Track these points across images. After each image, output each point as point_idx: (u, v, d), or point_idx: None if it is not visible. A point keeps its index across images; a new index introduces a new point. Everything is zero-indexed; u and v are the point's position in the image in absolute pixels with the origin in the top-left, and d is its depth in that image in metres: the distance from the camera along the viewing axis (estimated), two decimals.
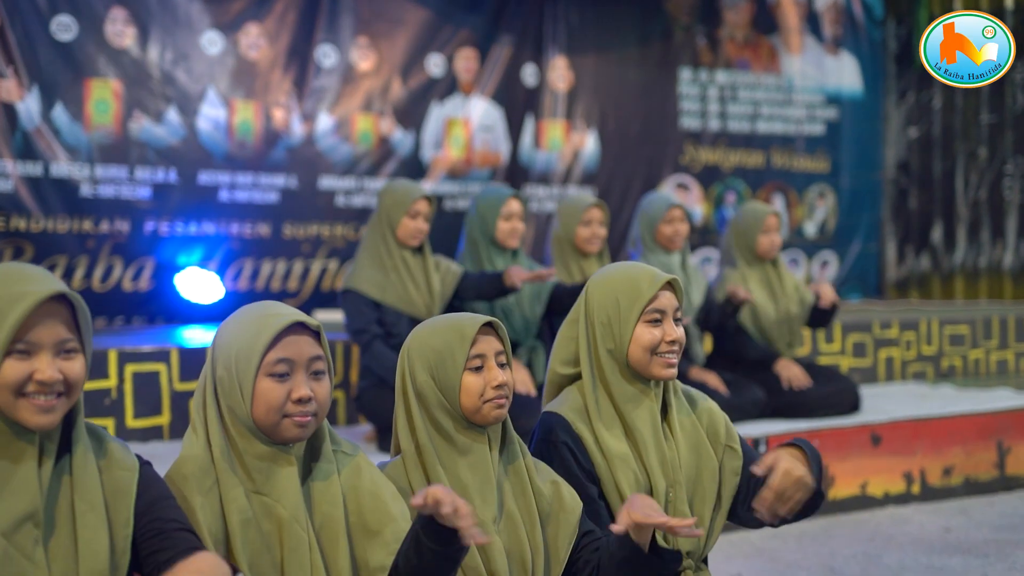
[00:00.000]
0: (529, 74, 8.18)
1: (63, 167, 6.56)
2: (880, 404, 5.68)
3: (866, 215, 9.79)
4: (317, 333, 2.22)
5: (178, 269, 6.90)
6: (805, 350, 6.33)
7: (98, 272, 6.68)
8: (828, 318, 5.52)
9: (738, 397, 5.13)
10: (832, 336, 6.51)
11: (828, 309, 5.42)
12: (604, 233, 5.14)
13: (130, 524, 2.01)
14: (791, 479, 2.37)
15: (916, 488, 5.24)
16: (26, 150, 6.45)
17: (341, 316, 7.07)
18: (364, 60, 7.51)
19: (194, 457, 2.16)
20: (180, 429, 4.74)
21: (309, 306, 7.30)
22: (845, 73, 9.60)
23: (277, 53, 7.20)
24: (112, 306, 6.75)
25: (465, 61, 7.88)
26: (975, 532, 4.84)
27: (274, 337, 2.16)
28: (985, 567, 4.32)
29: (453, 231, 5.85)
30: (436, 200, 4.70)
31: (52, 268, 6.52)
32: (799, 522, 2.58)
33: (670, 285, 2.64)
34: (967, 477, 5.40)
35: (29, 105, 6.44)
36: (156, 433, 4.74)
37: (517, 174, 8.13)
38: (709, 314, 5.36)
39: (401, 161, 7.64)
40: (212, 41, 7.00)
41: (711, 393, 5.01)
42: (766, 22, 9.24)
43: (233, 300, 7.00)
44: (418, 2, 7.69)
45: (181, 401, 4.78)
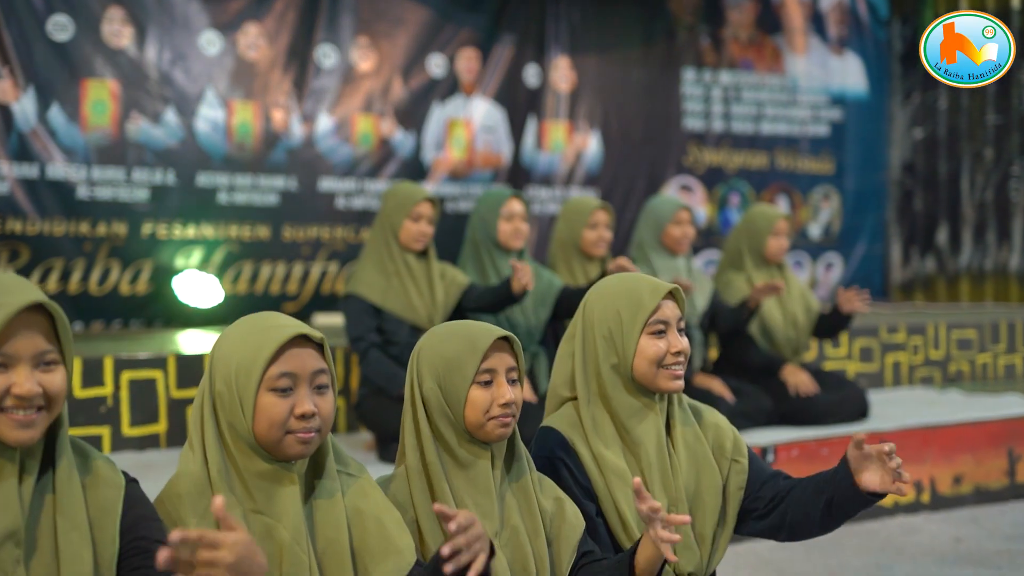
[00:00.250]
0: (531, 74, 8.12)
1: (59, 169, 6.50)
2: (888, 411, 5.60)
3: (871, 216, 9.73)
4: (320, 345, 2.14)
5: (176, 272, 6.84)
6: (811, 355, 6.24)
7: (95, 275, 6.62)
8: (838, 329, 5.42)
9: (744, 404, 5.07)
10: (838, 341, 6.43)
11: (846, 315, 5.30)
12: (610, 237, 5.08)
13: (115, 543, 1.95)
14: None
15: (926, 497, 5.16)
16: (22, 152, 6.39)
17: (342, 320, 7.08)
18: (364, 60, 7.45)
19: (190, 475, 2.08)
20: (177, 437, 4.66)
21: (309, 309, 7.27)
22: (850, 73, 9.54)
23: (276, 53, 7.14)
24: (109, 309, 6.71)
25: (467, 61, 7.82)
26: (987, 542, 4.76)
27: (276, 350, 2.08)
28: None
29: (455, 233, 5.79)
30: (440, 202, 4.60)
31: (48, 271, 6.48)
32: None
33: (671, 294, 2.57)
34: (977, 485, 5.32)
35: (25, 106, 6.37)
36: (153, 441, 4.67)
37: (519, 175, 8.08)
38: (716, 319, 5.29)
39: (402, 162, 7.59)
40: (210, 41, 6.94)
41: (716, 400, 4.94)
42: (770, 22, 9.18)
43: (232, 303, 6.97)
44: (419, 1, 7.62)
45: (178, 409, 4.70)
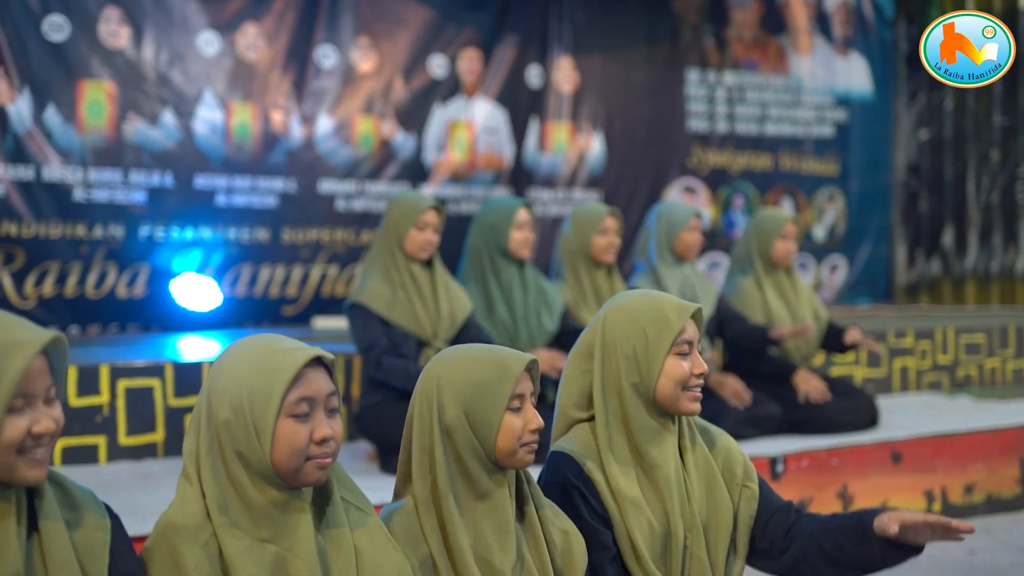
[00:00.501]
0: (534, 75, 8.03)
1: (55, 171, 6.42)
2: (898, 418, 5.51)
3: (876, 218, 9.65)
4: (328, 366, 2.07)
5: (174, 275, 6.76)
6: (818, 360, 6.15)
7: (92, 278, 6.55)
8: (840, 350, 5.41)
9: (752, 412, 4.98)
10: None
11: (849, 346, 5.29)
12: (619, 243, 5.02)
13: None
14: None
15: (937, 506, 5.06)
16: (17, 153, 6.31)
17: (342, 323, 6.99)
18: (365, 61, 7.36)
19: (188, 505, 1.98)
20: (175, 446, 4.57)
21: (308, 313, 7.22)
22: (855, 74, 9.46)
23: (276, 54, 7.06)
24: (106, 313, 6.63)
25: (468, 62, 7.73)
26: (1001, 554, 4.67)
27: (296, 373, 1.99)
28: None
29: (456, 236, 5.69)
30: (444, 210, 4.53)
31: (44, 274, 6.42)
32: None
33: (693, 315, 2.49)
34: (989, 494, 5.23)
35: (20, 107, 6.28)
36: (150, 451, 4.58)
37: (521, 177, 8.00)
38: (725, 327, 5.21)
39: (403, 164, 7.51)
40: (209, 41, 6.85)
41: (722, 407, 4.85)
42: (775, 22, 9.10)
43: (231, 307, 6.91)
44: (420, 1, 7.54)
45: (176, 417, 4.60)
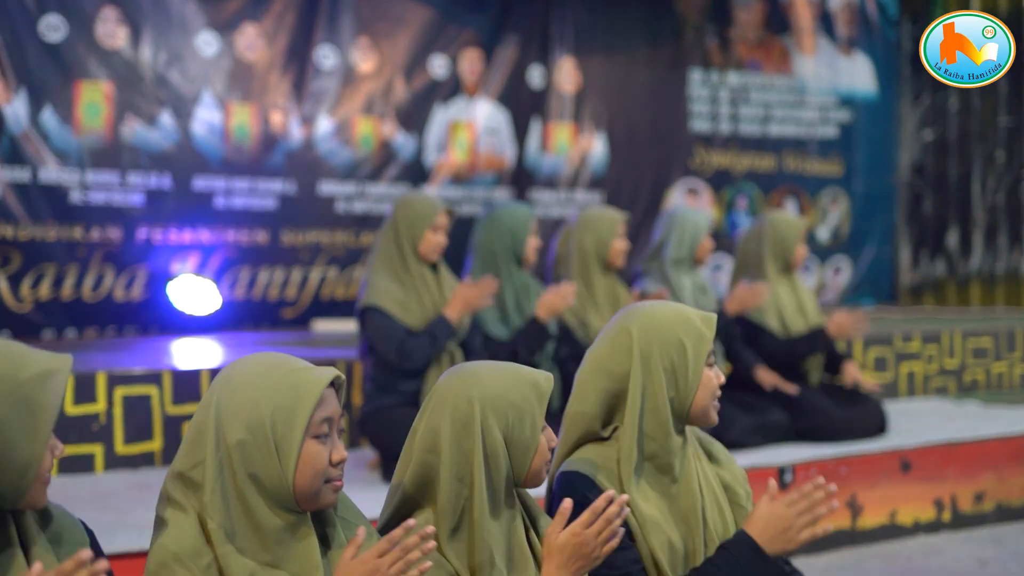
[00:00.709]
0: (535, 75, 7.97)
1: (52, 172, 6.37)
2: (906, 425, 5.42)
3: (880, 219, 9.58)
4: (337, 386, 2.01)
5: (172, 278, 6.72)
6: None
7: (89, 281, 6.50)
8: (826, 349, 5.35)
9: (760, 420, 4.90)
10: (852, 350, 6.26)
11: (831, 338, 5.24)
12: (628, 247, 4.99)
13: None
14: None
15: (947, 515, 4.98)
16: (13, 155, 6.26)
17: (342, 326, 6.93)
18: (365, 61, 7.30)
19: (184, 536, 1.87)
20: (172, 455, 4.43)
21: (308, 315, 7.17)
22: (859, 74, 9.38)
23: (275, 54, 7.00)
24: (103, 316, 6.59)
25: (469, 62, 7.68)
26: (1012, 564, 4.59)
27: (322, 392, 1.94)
28: None
29: (457, 238, 5.60)
30: (454, 211, 4.49)
31: (41, 277, 6.38)
32: (824, 555, 2.42)
33: None
34: (999, 503, 5.15)
35: (16, 108, 6.23)
36: (147, 459, 4.50)
37: (523, 178, 7.95)
38: (750, 338, 5.19)
39: (403, 165, 7.46)
40: (207, 42, 6.80)
41: (730, 415, 4.77)
42: (778, 22, 9.03)
43: (229, 309, 6.85)
44: (421, 1, 7.48)
45: (174, 426, 4.52)
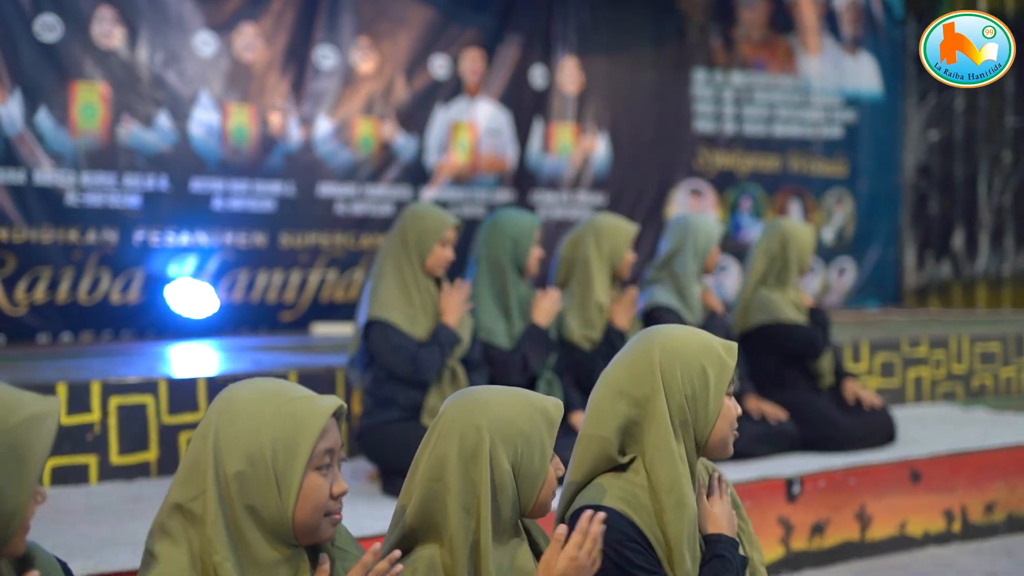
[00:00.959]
0: (538, 75, 7.90)
1: (47, 174, 6.30)
2: (914, 433, 5.33)
3: (885, 220, 9.51)
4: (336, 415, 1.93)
5: (169, 281, 6.65)
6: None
7: (84, 284, 6.44)
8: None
9: (766, 429, 4.81)
10: (859, 355, 6.17)
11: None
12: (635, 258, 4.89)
13: None
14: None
15: (957, 526, 4.90)
16: (8, 157, 6.20)
17: (341, 329, 6.84)
18: (365, 61, 7.23)
19: (175, 570, 1.81)
20: (169, 465, 4.39)
21: (307, 319, 7.10)
22: (864, 74, 9.30)
23: (274, 54, 6.93)
24: (99, 320, 6.54)
25: (471, 62, 7.61)
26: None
27: (325, 423, 1.86)
28: None
29: (458, 240, 5.53)
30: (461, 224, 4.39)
31: (36, 280, 6.32)
32: (833, 568, 2.34)
33: None
34: (1010, 513, 5.06)
35: (11, 109, 6.17)
36: (143, 470, 4.40)
37: (525, 179, 7.88)
38: (780, 339, 5.09)
39: (404, 167, 7.39)
40: (205, 42, 6.73)
41: (755, 423, 4.71)
42: (783, 21, 8.95)
43: (227, 313, 6.78)
44: (422, 1, 7.39)
45: (170, 436, 4.43)
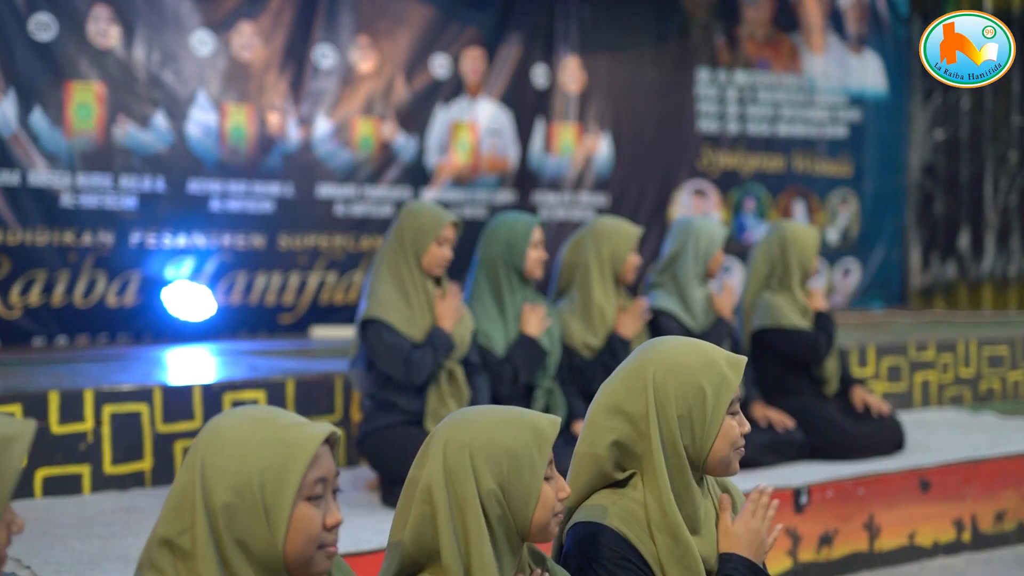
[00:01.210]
0: (539, 75, 7.82)
1: (42, 175, 6.22)
2: (923, 440, 5.25)
3: (890, 220, 9.42)
4: (331, 443, 1.85)
5: (166, 284, 6.58)
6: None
7: (80, 287, 6.37)
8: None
9: (773, 436, 4.73)
10: (866, 359, 6.09)
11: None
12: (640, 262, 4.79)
13: None
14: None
15: (967, 536, 4.81)
16: (2, 158, 6.12)
17: (340, 332, 6.76)
18: (365, 61, 7.15)
19: None
20: (164, 475, 4.31)
21: (306, 321, 7.03)
22: (869, 73, 9.21)
23: (272, 53, 6.85)
24: (95, 323, 6.47)
25: (472, 61, 7.53)
26: None
27: (315, 451, 1.78)
28: None
29: (459, 242, 5.45)
30: (461, 223, 4.28)
31: (31, 283, 6.26)
32: None
33: None
34: (1021, 522, 4.97)
35: (5, 110, 6.09)
36: (137, 480, 4.32)
37: (526, 180, 7.79)
38: (782, 347, 5.00)
39: (404, 167, 7.31)
40: (202, 41, 6.65)
41: (761, 431, 4.64)
42: (787, 20, 8.86)
43: (225, 316, 6.70)
44: None
45: (164, 445, 4.35)
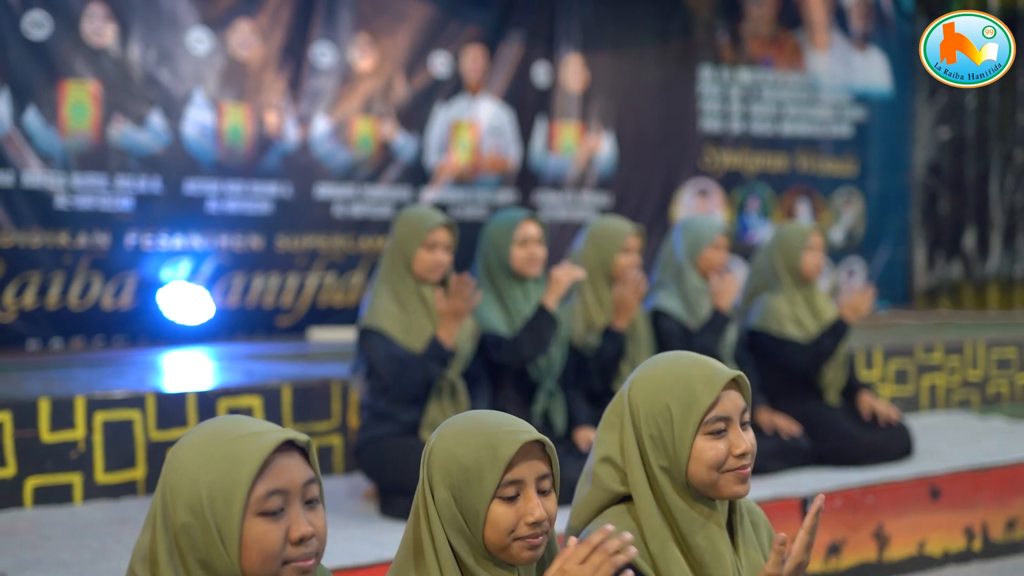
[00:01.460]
0: (541, 73, 7.74)
1: (36, 176, 6.15)
2: (931, 445, 5.16)
3: (894, 220, 9.34)
4: (305, 450, 1.75)
5: (162, 286, 6.52)
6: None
7: (75, 289, 6.30)
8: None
9: (780, 443, 4.64)
10: (872, 362, 6.00)
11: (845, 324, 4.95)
12: (640, 263, 4.64)
13: None
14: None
15: (977, 544, 4.72)
16: None
17: (339, 335, 6.69)
18: (364, 59, 7.08)
19: None
20: (157, 484, 4.21)
21: (305, 324, 6.97)
22: (874, 71, 9.13)
23: (270, 52, 6.78)
24: (91, 326, 6.39)
25: (472, 59, 7.46)
26: None
27: (262, 463, 1.68)
28: None
29: (461, 242, 5.36)
30: (457, 227, 4.14)
31: (25, 285, 6.19)
32: None
33: (735, 382, 2.12)
34: None
35: None
36: (130, 489, 4.24)
37: (528, 180, 7.72)
38: (773, 356, 4.89)
39: (403, 167, 7.24)
40: (199, 39, 6.58)
41: (767, 437, 4.55)
42: (791, 17, 8.78)
43: (223, 318, 6.63)
44: None
45: (158, 452, 4.26)
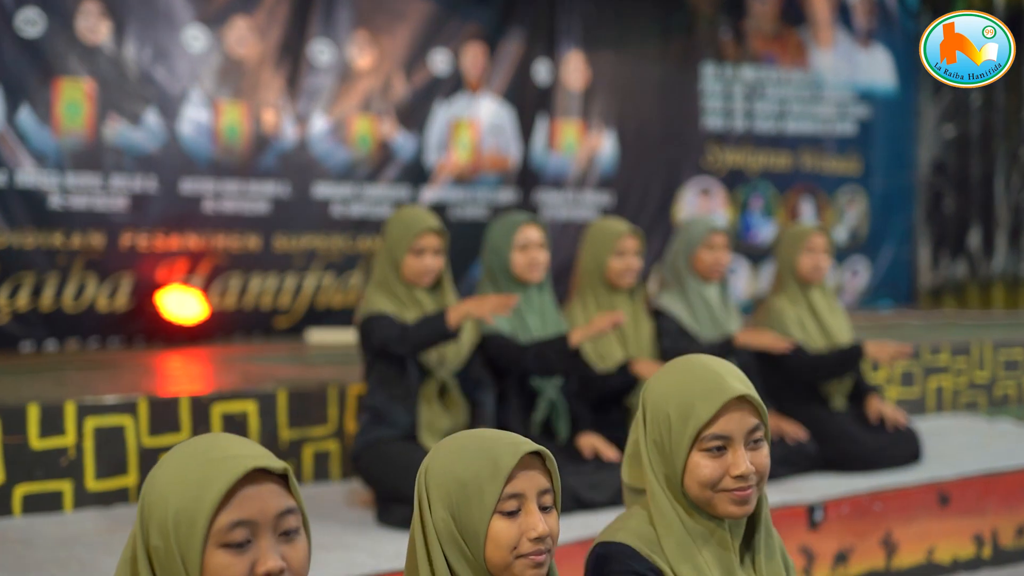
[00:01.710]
0: (542, 71, 7.71)
1: (30, 176, 6.10)
2: (940, 449, 5.07)
3: (899, 219, 9.30)
4: (284, 477, 1.63)
5: (158, 287, 6.48)
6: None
7: (70, 290, 6.26)
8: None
9: (786, 448, 4.55)
10: (878, 363, 5.91)
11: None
12: (639, 266, 4.50)
13: None
14: None
15: (987, 551, 4.64)
16: None
17: (338, 336, 6.62)
18: (362, 57, 7.04)
19: None
20: None
21: (303, 324, 6.94)
22: (878, 68, 9.08)
23: (267, 49, 6.74)
24: (86, 327, 6.36)
25: (472, 57, 7.42)
26: None
27: (226, 492, 1.56)
28: None
29: (459, 242, 5.34)
30: (447, 231, 4.03)
31: (18, 287, 6.16)
32: None
33: (747, 400, 2.01)
34: None
35: None
36: (121, 496, 4.15)
37: (528, 178, 7.69)
38: (774, 361, 4.80)
39: (403, 166, 7.21)
40: (195, 36, 6.54)
41: (773, 443, 4.46)
42: (795, 14, 8.74)
43: (220, 319, 6.59)
44: None
45: (150, 459, 4.16)
